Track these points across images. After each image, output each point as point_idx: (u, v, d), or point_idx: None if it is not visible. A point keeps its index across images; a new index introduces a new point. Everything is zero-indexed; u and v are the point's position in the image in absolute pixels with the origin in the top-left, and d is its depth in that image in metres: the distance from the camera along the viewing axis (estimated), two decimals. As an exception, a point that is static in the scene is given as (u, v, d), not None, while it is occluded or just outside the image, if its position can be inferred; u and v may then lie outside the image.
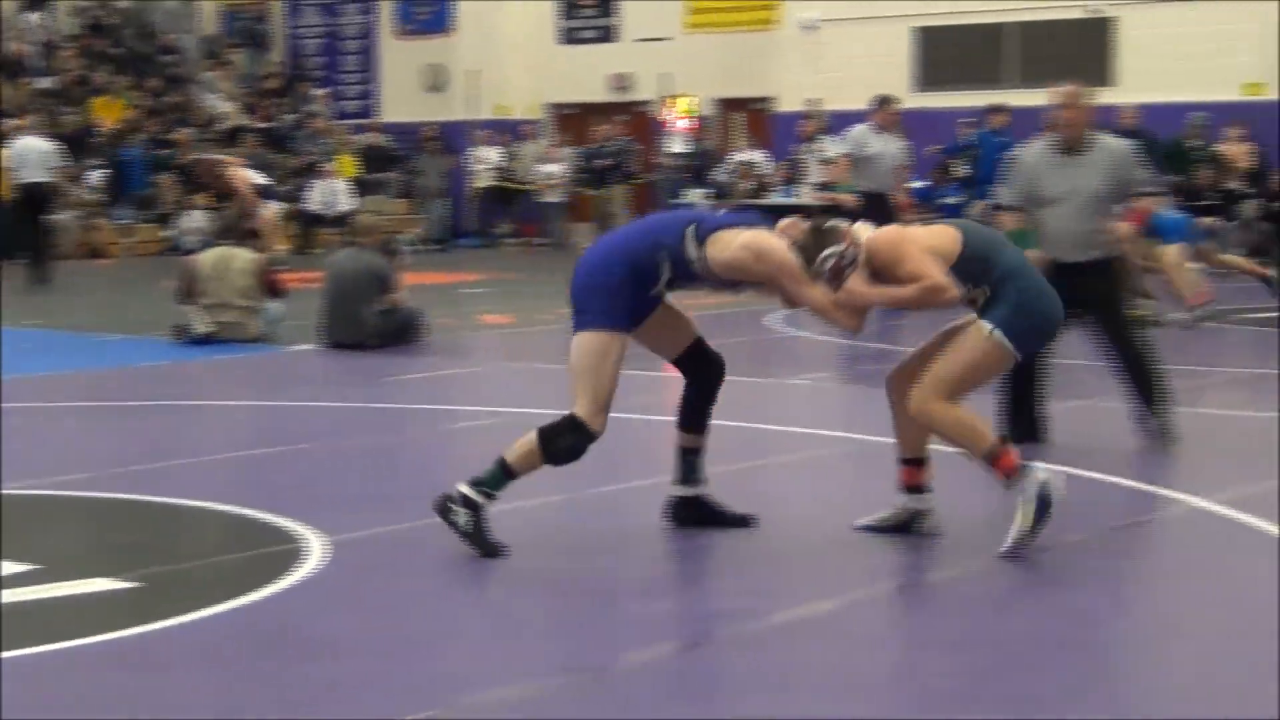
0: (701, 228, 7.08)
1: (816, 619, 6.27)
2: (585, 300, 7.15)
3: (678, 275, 7.13)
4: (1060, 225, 9.55)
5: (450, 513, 7.18)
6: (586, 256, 7.33)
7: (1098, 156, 9.64)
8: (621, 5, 31.75)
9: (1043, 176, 9.63)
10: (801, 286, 7.02)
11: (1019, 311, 6.98)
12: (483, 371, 14.11)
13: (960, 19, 27.20)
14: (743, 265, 7.04)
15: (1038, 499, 6.87)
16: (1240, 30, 25.07)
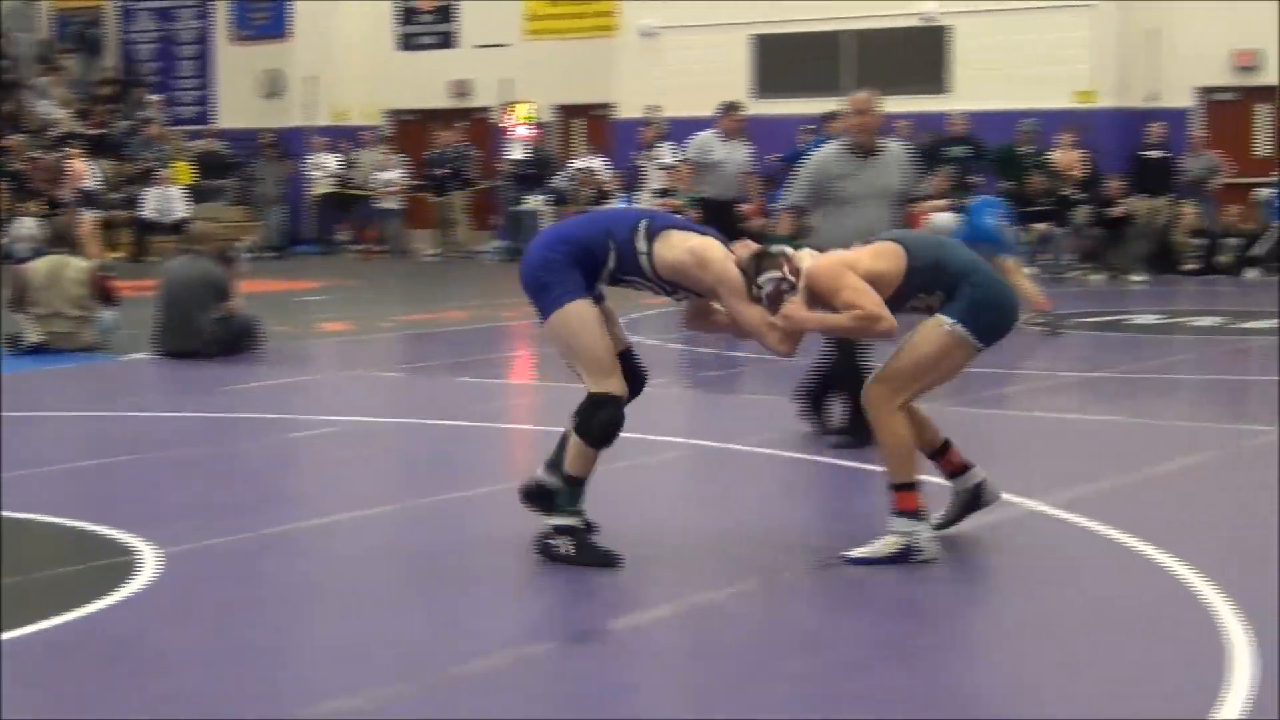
0: (654, 224, 7.11)
1: (662, 621, 6.28)
2: (541, 285, 7.07)
3: (622, 267, 7.09)
4: (859, 224, 9.73)
5: (553, 549, 7.05)
6: (530, 250, 7.24)
7: (889, 159, 10.08)
8: (460, 11, 31.66)
9: (839, 178, 9.96)
10: (740, 303, 7.04)
11: (975, 305, 7.07)
12: (320, 380, 13.99)
13: (798, 27, 27.40)
14: (685, 269, 7.04)
15: (907, 546, 7.01)
16: (1072, 39, 25.47)
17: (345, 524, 8.09)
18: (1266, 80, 25.31)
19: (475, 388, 13.09)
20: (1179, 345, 15.74)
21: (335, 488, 9.22)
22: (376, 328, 17.52)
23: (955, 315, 7.04)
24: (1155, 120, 24.95)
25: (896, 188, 10.01)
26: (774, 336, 7.05)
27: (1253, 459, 9.68)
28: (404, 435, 11.05)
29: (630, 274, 7.12)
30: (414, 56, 32.12)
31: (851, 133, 10.03)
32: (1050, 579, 7.05)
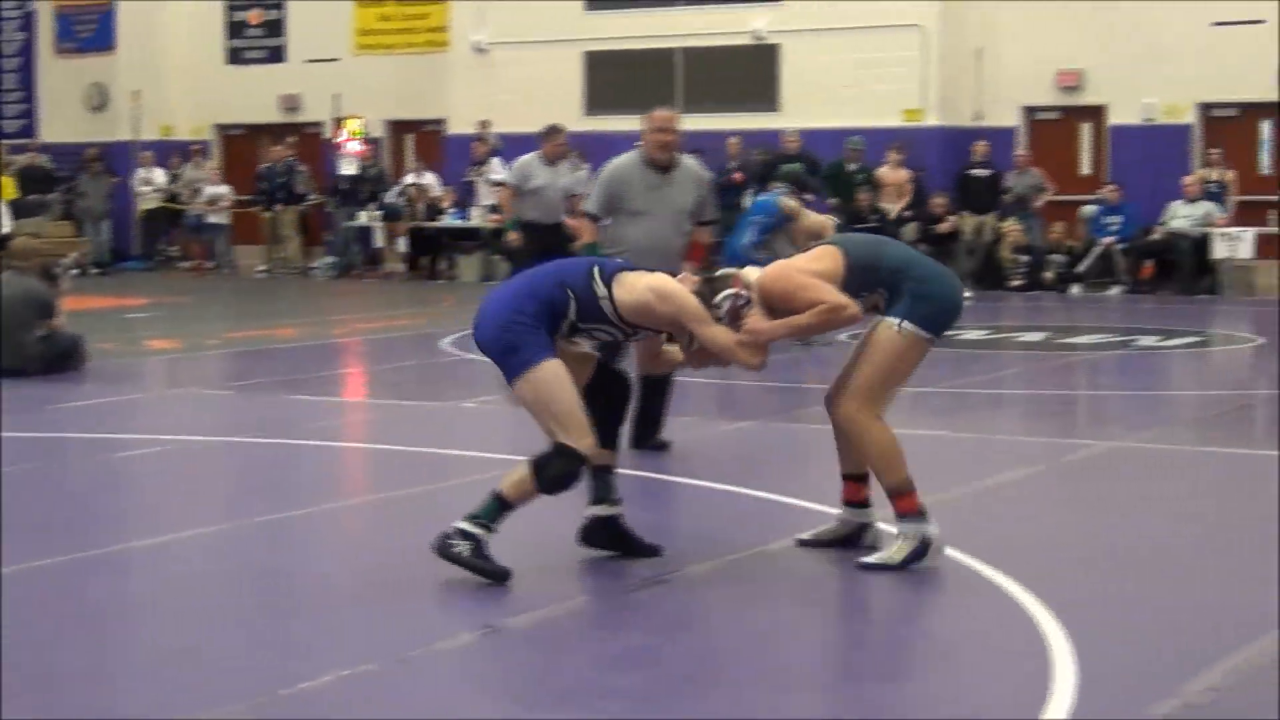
0: (605, 270, 7.20)
1: (491, 640, 6.27)
2: (509, 346, 7.10)
3: (583, 315, 7.18)
4: (649, 238, 10.03)
5: (450, 547, 7.05)
6: (487, 309, 7.25)
7: (684, 176, 10.22)
8: (290, 26, 31.43)
9: (635, 192, 10.12)
10: (706, 327, 7.17)
11: (920, 299, 7.20)
12: (148, 398, 13.81)
13: (630, 44, 27.49)
14: (648, 306, 7.14)
15: (919, 542, 7.17)
16: (900, 58, 25.78)
17: (176, 544, 7.99)
18: (1089, 100, 25.80)
19: (306, 405, 12.99)
20: (1005, 360, 15.98)
21: (165, 507, 9.11)
22: (205, 345, 17.32)
23: (902, 313, 7.19)
24: (982, 139, 25.34)
25: (688, 206, 10.15)
26: (743, 352, 7.20)
27: (1076, 473, 9.85)
28: (234, 454, 10.93)
29: (591, 321, 7.21)
30: (243, 71, 31.84)
31: (650, 149, 10.14)
32: (876, 592, 7.12)
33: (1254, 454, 10.70)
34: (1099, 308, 21.73)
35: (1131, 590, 6.98)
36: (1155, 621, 6.49)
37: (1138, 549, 7.75)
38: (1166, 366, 15.73)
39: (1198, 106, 25.25)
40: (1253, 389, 14.49)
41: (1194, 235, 23.14)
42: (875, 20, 25.77)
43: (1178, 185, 23.77)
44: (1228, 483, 9.69)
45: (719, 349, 7.23)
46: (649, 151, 10.15)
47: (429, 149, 29.78)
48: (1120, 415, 12.76)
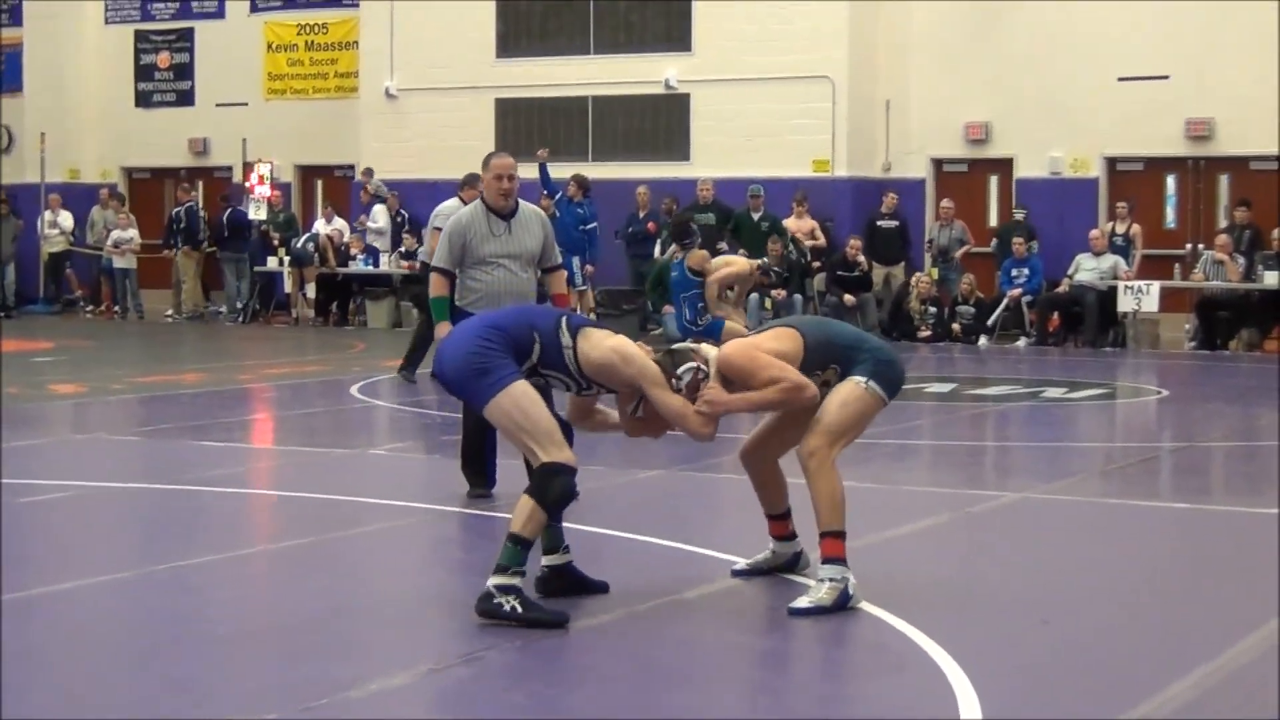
0: (571, 321, 7.43)
1: (405, 688, 6.23)
2: (478, 370, 7.22)
3: (545, 360, 7.35)
4: (500, 284, 10.13)
5: (500, 608, 7.08)
6: (450, 343, 7.43)
7: (528, 221, 10.29)
8: (199, 70, 31.30)
9: (482, 240, 10.17)
10: (663, 392, 7.37)
11: (880, 365, 7.62)
12: (52, 443, 13.66)
13: (541, 92, 27.55)
14: (611, 366, 7.33)
15: (844, 593, 7.33)
16: (810, 109, 25.95)
17: (79, 590, 7.90)
18: (997, 153, 26.04)
19: (213, 451, 12.88)
20: (913, 411, 16.06)
21: (69, 553, 9.00)
22: (111, 390, 17.16)
23: (867, 374, 7.57)
24: (891, 190, 25.52)
25: (535, 250, 10.26)
26: (696, 421, 7.40)
27: (983, 523, 9.90)
28: (139, 500, 10.83)
29: (551, 368, 7.37)
30: (151, 114, 31.68)
31: (492, 195, 10.20)
32: (781, 641, 7.13)
33: (1159, 506, 10.80)
34: (1007, 359, 21.89)
35: (1036, 639, 7.02)
36: (1059, 669, 6.52)
37: (1043, 599, 7.79)
38: (1073, 418, 15.85)
39: (1103, 160, 25.54)
40: (1158, 441, 14.62)
41: (1100, 288, 23.36)
42: (786, 71, 25.94)
43: (1084, 238, 24.01)
44: (1132, 533, 9.76)
45: (673, 415, 7.42)
46: (491, 198, 10.20)
47: (337, 194, 29.71)
48: (1027, 466, 12.85)
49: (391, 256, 26.83)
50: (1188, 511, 10.40)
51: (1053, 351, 22.82)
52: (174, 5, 31.47)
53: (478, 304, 10.18)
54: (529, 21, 27.97)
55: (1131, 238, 24.13)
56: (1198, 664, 6.52)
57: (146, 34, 31.75)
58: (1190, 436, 14.48)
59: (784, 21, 25.97)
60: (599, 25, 27.44)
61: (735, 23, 26.38)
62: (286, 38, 30.63)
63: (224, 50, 30.96)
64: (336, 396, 16.66)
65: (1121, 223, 24.27)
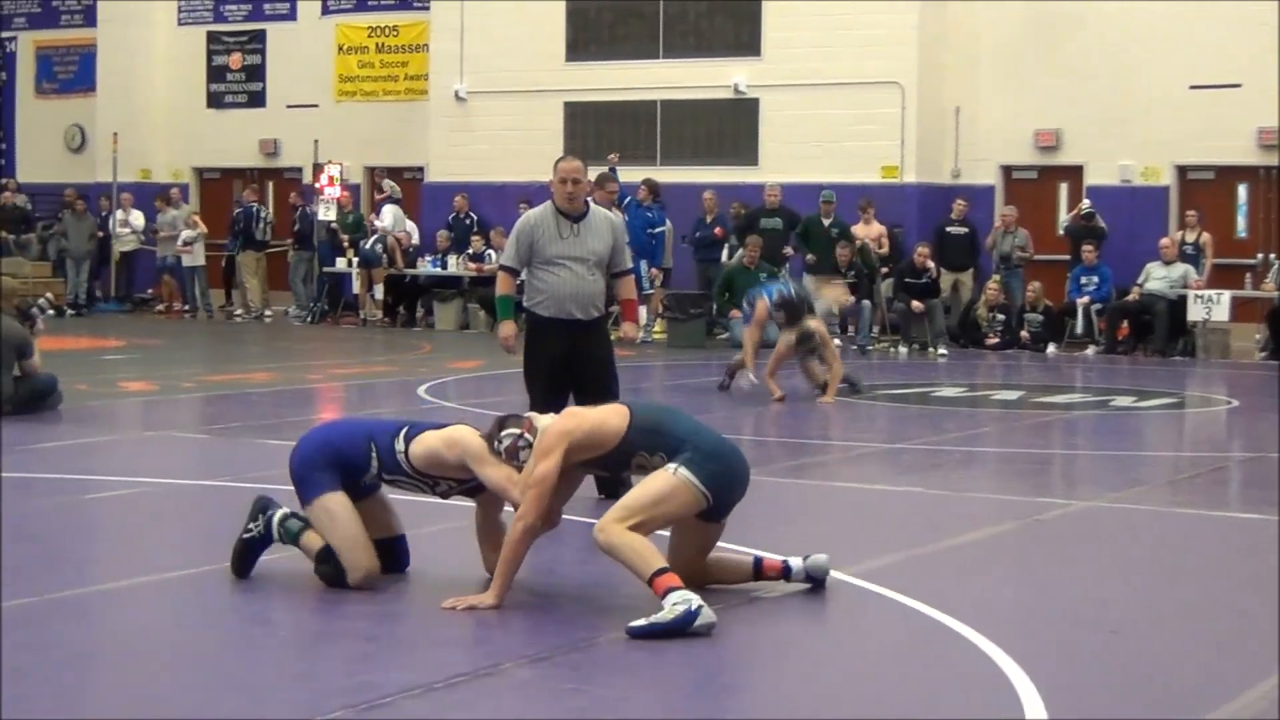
0: (412, 430, 7.85)
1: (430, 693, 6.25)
2: (300, 479, 7.89)
3: (385, 468, 7.84)
4: (566, 286, 10.28)
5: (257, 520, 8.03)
6: (300, 442, 8.04)
7: (597, 224, 10.39)
8: (270, 71, 31.47)
9: (549, 241, 10.28)
10: (484, 466, 7.63)
11: (703, 457, 7.40)
12: (120, 440, 13.75)
13: (610, 96, 27.57)
14: (436, 454, 7.73)
15: (685, 613, 6.97)
16: (879, 115, 25.89)
17: (143, 587, 7.95)
18: (1067, 160, 25.91)
19: (280, 450, 12.93)
20: (980, 419, 15.99)
21: (135, 550, 9.06)
22: (179, 388, 17.27)
23: (680, 462, 7.38)
24: (959, 197, 25.41)
25: (603, 253, 10.32)
26: (515, 491, 7.53)
27: (1049, 532, 9.84)
28: (206, 497, 10.88)
29: (393, 473, 7.86)
30: (222, 115, 31.88)
31: (558, 199, 10.30)
32: (849, 647, 7.11)
33: (1228, 516, 10.72)
34: (1075, 368, 21.76)
35: (1103, 650, 6.97)
36: (1127, 681, 6.48)
37: (1110, 609, 7.74)
38: (1142, 427, 15.74)
39: (1174, 168, 25.38)
40: (1227, 451, 14.51)
41: (1170, 297, 23.21)
42: (855, 77, 25.89)
43: (1154, 246, 23.86)
44: (1201, 544, 9.69)
45: (495, 487, 7.66)
46: (559, 201, 10.31)
47: (408, 196, 29.82)
48: (1094, 475, 12.77)
49: (460, 259, 26.90)
50: (1256, 522, 10.30)
51: (1121, 360, 22.69)
52: (246, 7, 31.65)
53: (542, 305, 10.27)
54: (598, 25, 28.00)
55: (1202, 246, 23.97)
56: (1264, 676, 6.46)
57: (218, 35, 31.94)
58: (1260, 447, 14.34)
59: (853, 27, 25.92)
60: (668, 29, 27.45)
61: (804, 28, 26.33)
62: (357, 40, 30.76)
63: (295, 52, 31.13)
64: (404, 397, 16.71)
65: (1192, 231, 24.11)
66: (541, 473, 7.37)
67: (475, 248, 26.75)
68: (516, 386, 11.30)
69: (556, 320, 10.31)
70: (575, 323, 10.31)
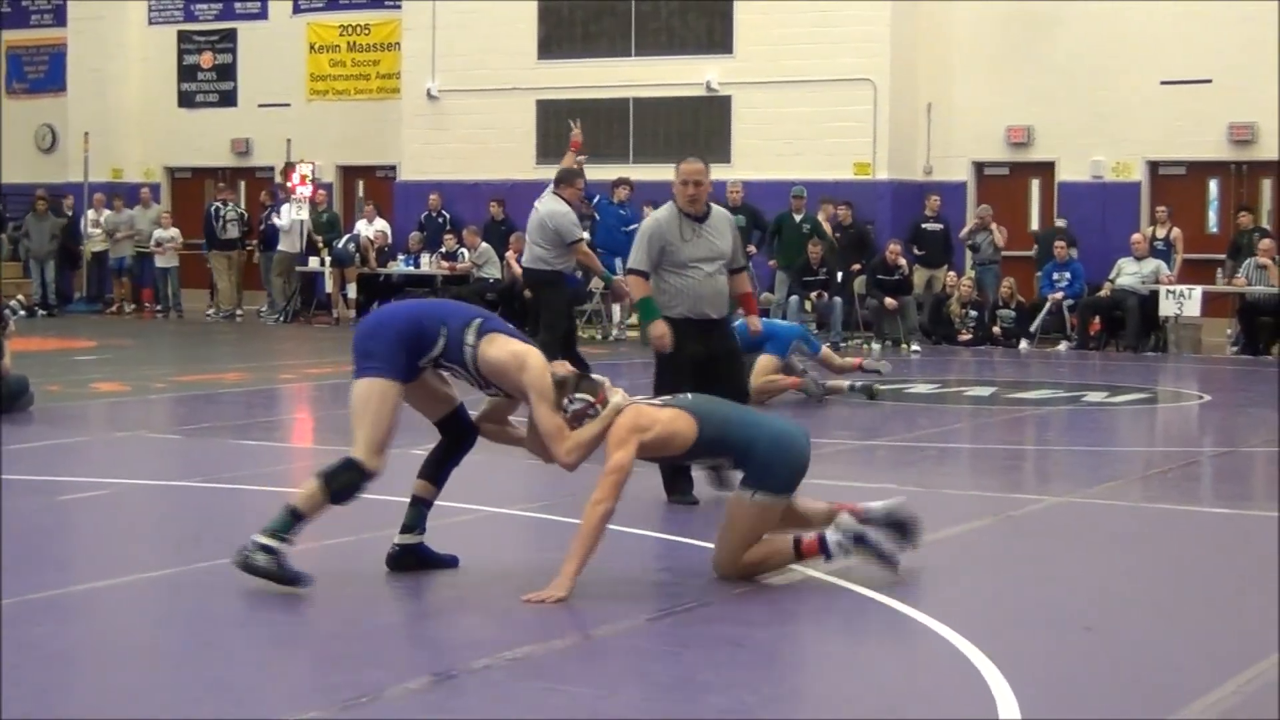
0: (486, 324, 7.81)
1: (429, 688, 6.24)
2: (365, 351, 7.73)
3: (447, 355, 7.75)
4: (700, 286, 10.39)
5: (251, 560, 7.53)
6: (371, 315, 8.08)
7: (719, 223, 10.55)
8: (241, 70, 31.40)
9: (678, 243, 10.39)
10: (542, 406, 7.67)
11: (766, 471, 7.79)
12: (92, 441, 13.72)
13: (582, 93, 27.54)
14: (505, 368, 7.70)
15: (855, 536, 7.89)
16: (851, 112, 25.91)
17: (118, 589, 7.93)
18: (1039, 156, 25.97)
19: (253, 450, 12.92)
20: (953, 414, 16.02)
21: (109, 552, 9.03)
22: (151, 388, 17.22)
23: (754, 485, 7.80)
24: (932, 193, 25.46)
25: (726, 250, 10.47)
26: (563, 448, 7.69)
27: (1023, 527, 9.86)
28: (180, 498, 10.86)
29: (452, 362, 7.78)
30: (194, 114, 31.80)
31: (681, 201, 10.40)
32: (824, 644, 7.12)
33: (1200, 511, 10.75)
34: (1047, 363, 21.82)
35: (1077, 646, 6.98)
36: (1101, 677, 6.49)
37: (1084, 604, 7.75)
38: (1114, 423, 15.78)
39: (1146, 164, 25.44)
40: (1200, 446, 14.56)
41: (1142, 292, 23.26)
42: (827, 74, 25.91)
43: (1126, 242, 23.92)
44: (1174, 539, 9.71)
45: (545, 431, 7.73)
46: (682, 204, 10.43)
47: (380, 195, 29.78)
48: (1068, 471, 12.79)
49: (433, 257, 26.87)
50: (1229, 517, 10.34)
51: (1093, 356, 22.74)
52: (217, 6, 31.57)
53: (676, 307, 10.39)
54: (570, 23, 27.98)
55: (1173, 242, 24.04)
56: (1238, 670, 6.48)
57: (189, 34, 31.86)
58: (1232, 442, 14.41)
59: (825, 24, 25.94)
60: (640, 27, 27.44)
61: (776, 25, 26.34)
62: (329, 39, 30.70)
63: (266, 51, 31.06)
64: (376, 397, 16.65)
65: (1163, 227, 24.18)
66: (620, 462, 7.61)
67: (448, 246, 26.72)
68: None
69: (691, 321, 10.40)
70: (709, 322, 10.44)
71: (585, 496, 7.79)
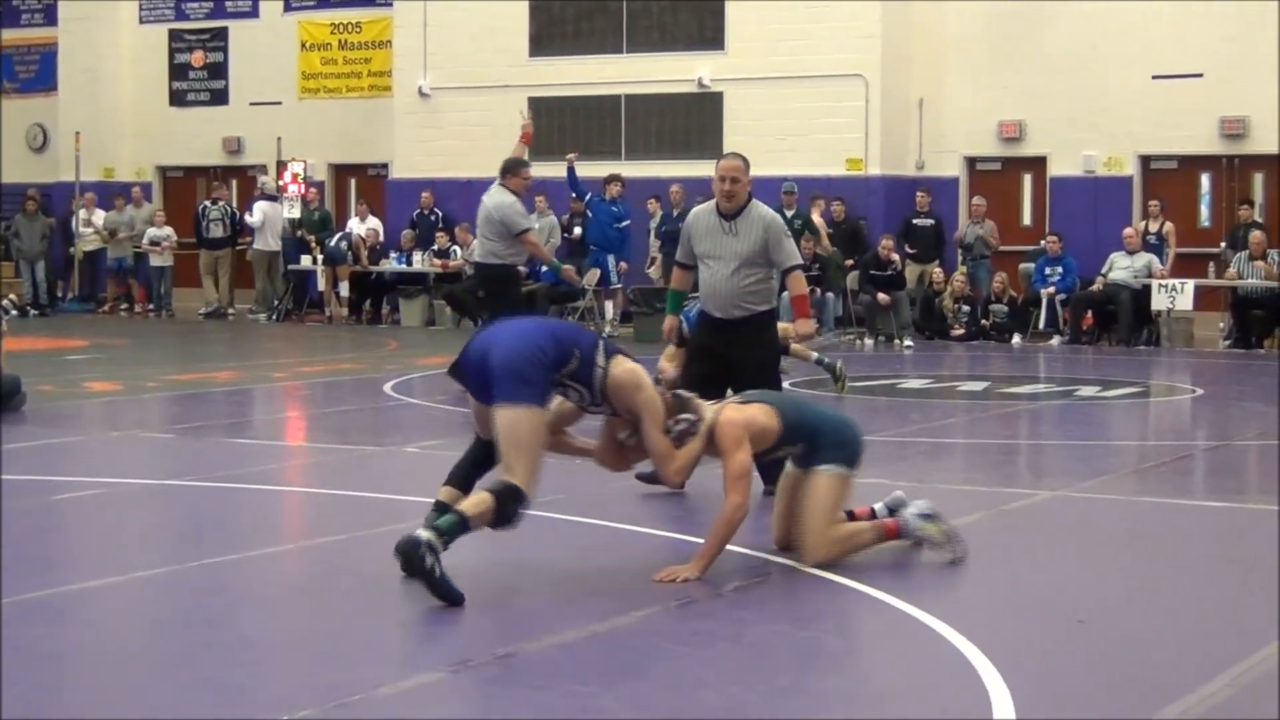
0: (608, 345, 7.99)
1: (430, 686, 6.24)
2: (522, 377, 7.56)
3: (576, 376, 7.82)
4: (709, 284, 10.43)
5: (423, 559, 7.25)
6: (504, 337, 7.75)
7: (749, 223, 10.45)
8: (233, 69, 31.37)
9: (702, 238, 10.47)
10: (654, 429, 7.94)
11: (839, 445, 8.29)
12: (86, 440, 13.71)
13: (574, 90, 27.54)
14: (627, 388, 7.89)
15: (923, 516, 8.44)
16: (843, 108, 25.90)
17: (112, 588, 7.92)
18: (1030, 151, 25.98)
19: (247, 449, 12.92)
20: (946, 409, 16.03)
21: (102, 551, 9.03)
22: (145, 388, 17.21)
23: (833, 460, 8.24)
24: (924, 188, 25.46)
25: (748, 253, 10.32)
26: (673, 467, 8.06)
27: (1017, 522, 9.87)
28: (173, 497, 10.85)
29: (579, 383, 7.86)
30: (186, 113, 31.77)
31: (718, 196, 10.46)
32: (817, 640, 7.12)
33: (1194, 504, 10.76)
34: (1040, 358, 21.83)
35: (1071, 638, 6.99)
36: (1094, 671, 6.50)
37: (1077, 598, 7.76)
38: (1107, 417, 15.80)
39: (1137, 158, 25.45)
40: (1192, 440, 14.57)
41: (1134, 287, 23.28)
42: (819, 70, 25.90)
43: (1118, 236, 23.93)
44: (1167, 533, 9.72)
45: (656, 453, 8.01)
46: (717, 200, 10.48)
47: (372, 193, 29.76)
48: (1061, 465, 12.80)
49: (425, 255, 26.87)
50: (1223, 510, 10.35)
51: (1086, 350, 22.76)
52: (208, 5, 31.54)
53: (702, 302, 10.56)
54: (562, 21, 27.96)
55: (1165, 236, 24.05)
56: (1232, 663, 6.49)
57: (180, 33, 31.82)
58: (1225, 435, 14.42)
59: (817, 20, 25.93)
60: (632, 24, 27.43)
61: (768, 22, 26.34)
62: (320, 37, 30.67)
63: (258, 49, 31.03)
64: (370, 394, 16.68)
65: (1155, 221, 24.19)
66: (744, 464, 8.02)
67: (440, 244, 26.72)
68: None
69: (705, 315, 10.57)
70: (717, 321, 10.42)
71: (581, 495, 7.81)
